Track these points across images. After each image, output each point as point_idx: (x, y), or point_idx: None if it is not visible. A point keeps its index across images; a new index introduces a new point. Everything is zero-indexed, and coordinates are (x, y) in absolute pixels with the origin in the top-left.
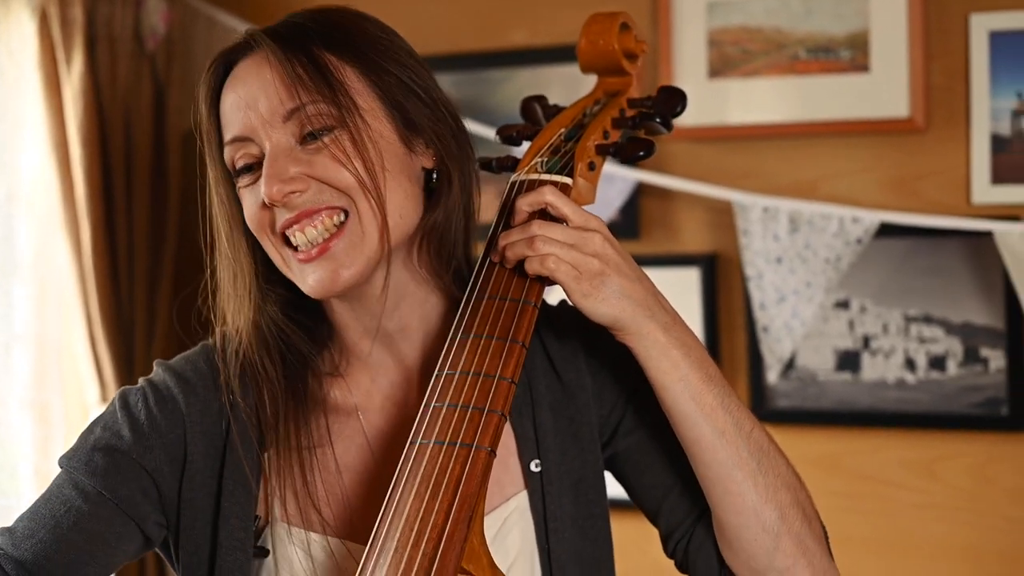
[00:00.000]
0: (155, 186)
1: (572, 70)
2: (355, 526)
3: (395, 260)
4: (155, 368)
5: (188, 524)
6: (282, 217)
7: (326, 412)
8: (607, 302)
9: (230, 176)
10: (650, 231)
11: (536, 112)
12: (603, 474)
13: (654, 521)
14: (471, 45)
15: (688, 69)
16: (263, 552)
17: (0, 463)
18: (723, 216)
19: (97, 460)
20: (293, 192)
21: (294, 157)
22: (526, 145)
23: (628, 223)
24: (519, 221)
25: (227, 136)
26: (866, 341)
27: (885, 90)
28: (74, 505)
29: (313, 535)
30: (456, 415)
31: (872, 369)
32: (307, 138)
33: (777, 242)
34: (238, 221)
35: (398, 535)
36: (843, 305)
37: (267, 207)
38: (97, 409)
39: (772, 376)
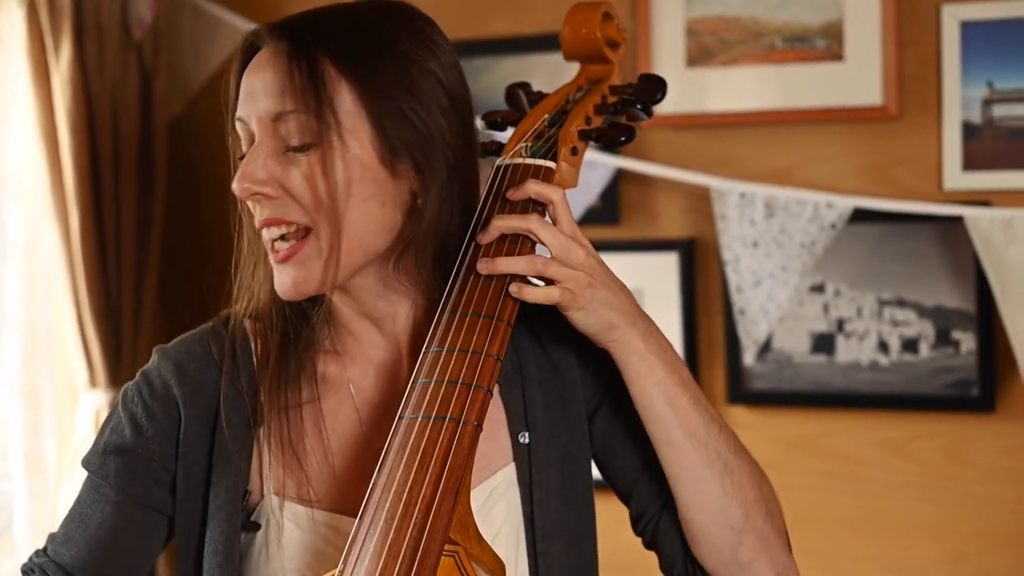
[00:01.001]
0: (142, 173)
1: (555, 58)
2: (345, 499)
3: (368, 268)
4: (152, 355)
5: (182, 498)
6: (259, 215)
7: (319, 385)
8: (595, 313)
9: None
10: (629, 216)
11: (520, 98)
12: (589, 450)
13: (625, 502)
14: (455, 33)
15: (667, 58)
16: (254, 526)
17: None
18: (701, 202)
19: (110, 463)
20: (260, 194)
21: (270, 163)
22: (510, 130)
23: (608, 209)
24: (519, 197)
25: (236, 113)
26: (840, 324)
27: (859, 78)
28: (99, 508)
29: (304, 508)
30: (443, 390)
31: (846, 351)
32: (292, 149)
33: (753, 227)
34: None
35: (387, 506)
36: (818, 289)
37: None
38: (86, 392)
39: (748, 358)
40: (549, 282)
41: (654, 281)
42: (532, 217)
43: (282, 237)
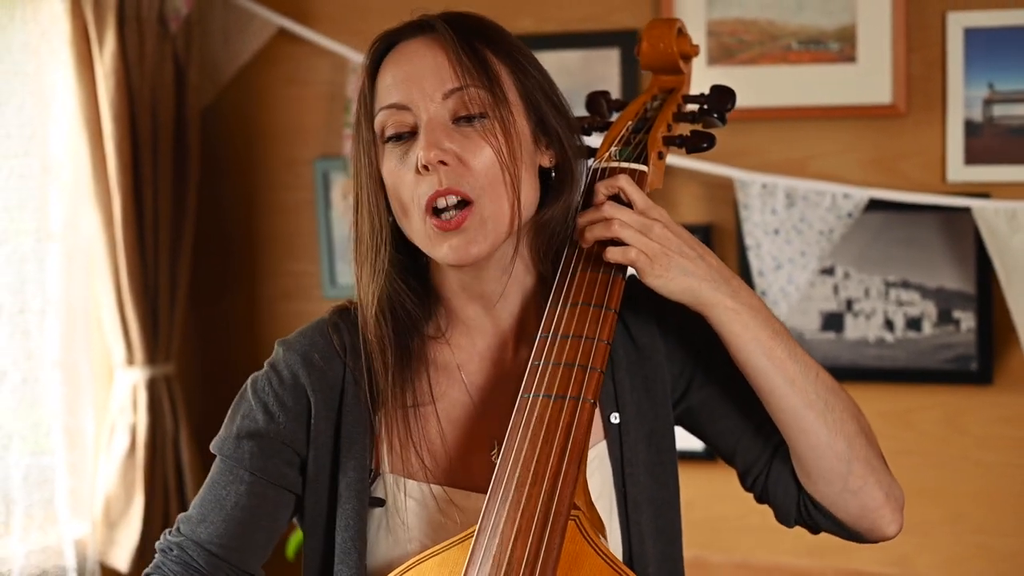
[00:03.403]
0: (177, 160)
1: (577, 56)
2: (458, 474)
3: (507, 242)
4: (276, 349)
5: (312, 478)
6: (431, 188)
7: (431, 370)
8: (674, 281)
9: (375, 140)
10: None
11: (601, 105)
12: (673, 427)
13: (730, 461)
14: None
15: None
16: (379, 502)
17: (36, 422)
18: (718, 191)
19: (244, 446)
20: (443, 162)
21: (448, 132)
22: (595, 135)
23: None
24: (598, 202)
25: (384, 102)
26: (849, 304)
27: (870, 79)
28: (233, 489)
29: (420, 484)
30: (562, 372)
31: (854, 329)
32: (460, 120)
33: (775, 215)
34: (378, 181)
35: (518, 476)
36: (828, 272)
37: (415, 175)
38: (123, 370)
39: None
40: None
41: None
42: (605, 206)
43: (445, 209)
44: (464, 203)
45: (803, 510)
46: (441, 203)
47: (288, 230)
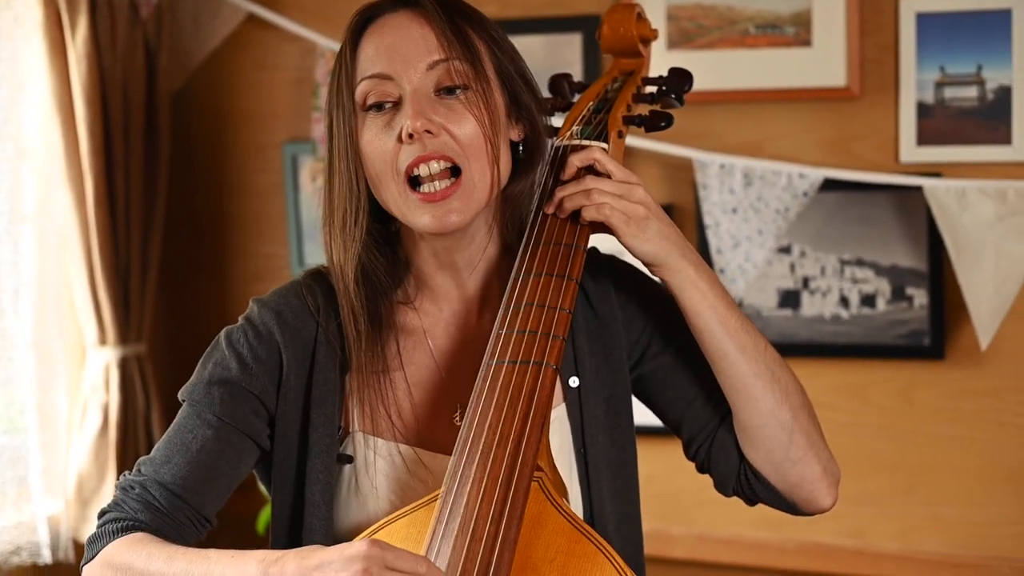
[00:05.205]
0: (148, 143)
1: (541, 41)
2: (424, 435)
3: (484, 212)
4: (251, 305)
5: (281, 434)
6: (413, 155)
7: (399, 334)
8: (651, 242)
9: (355, 110)
10: None
11: (564, 87)
12: (630, 392)
13: (677, 430)
14: None
15: None
16: (347, 459)
17: (10, 401)
18: (677, 171)
19: (214, 392)
20: (429, 132)
21: (433, 104)
22: (558, 116)
23: None
24: (570, 174)
25: (367, 72)
26: (805, 282)
27: (825, 62)
28: (200, 432)
29: (388, 443)
30: (526, 339)
31: (811, 306)
32: (443, 91)
33: (732, 195)
34: (357, 150)
35: (484, 438)
36: (785, 250)
37: (397, 143)
38: (95, 349)
39: None
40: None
41: None
42: (586, 179)
43: (432, 178)
44: (448, 170)
45: (742, 479)
46: (423, 170)
47: (257, 212)
